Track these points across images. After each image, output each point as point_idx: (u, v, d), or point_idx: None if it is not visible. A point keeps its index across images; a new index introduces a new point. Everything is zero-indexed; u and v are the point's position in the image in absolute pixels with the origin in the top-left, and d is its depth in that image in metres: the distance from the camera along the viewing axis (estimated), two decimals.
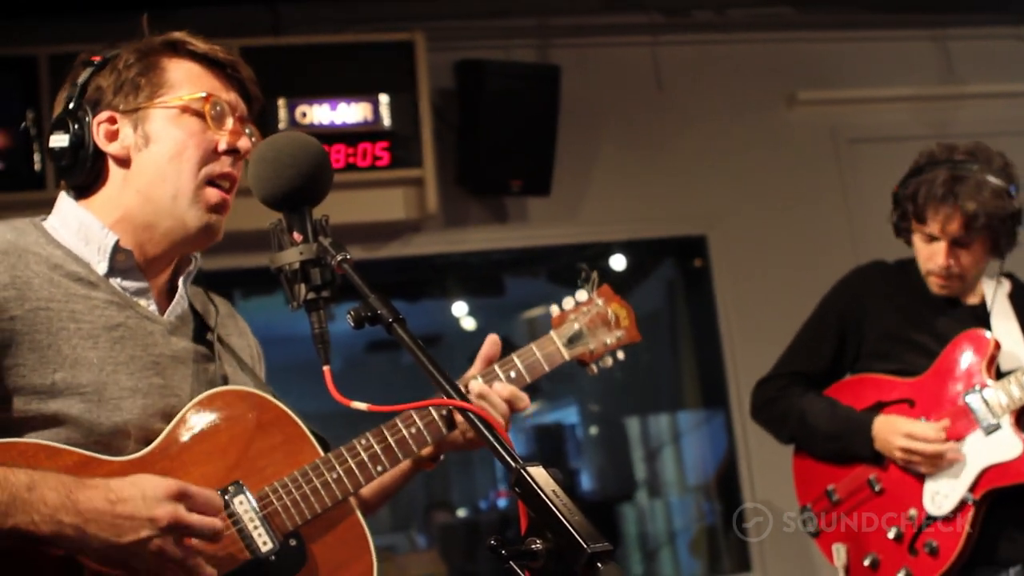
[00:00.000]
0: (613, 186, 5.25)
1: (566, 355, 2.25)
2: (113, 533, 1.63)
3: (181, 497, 1.69)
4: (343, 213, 3.58)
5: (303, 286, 1.63)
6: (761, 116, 5.42)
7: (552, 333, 2.26)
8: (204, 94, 1.90)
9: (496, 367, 2.16)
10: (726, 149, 5.35)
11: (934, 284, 3.17)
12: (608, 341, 2.30)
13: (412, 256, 5.17)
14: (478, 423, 1.43)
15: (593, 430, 8.09)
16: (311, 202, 1.67)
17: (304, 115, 4.60)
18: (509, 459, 1.37)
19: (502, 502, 7.92)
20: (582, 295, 2.32)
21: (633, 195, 5.28)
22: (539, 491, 1.32)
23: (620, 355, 2.33)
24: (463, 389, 2.06)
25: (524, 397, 2.13)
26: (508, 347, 7.09)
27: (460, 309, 6.70)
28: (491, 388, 2.11)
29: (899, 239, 3.27)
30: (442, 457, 2.19)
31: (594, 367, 2.30)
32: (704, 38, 5.42)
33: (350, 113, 4.66)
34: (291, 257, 1.63)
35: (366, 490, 2.10)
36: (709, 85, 5.39)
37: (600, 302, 2.32)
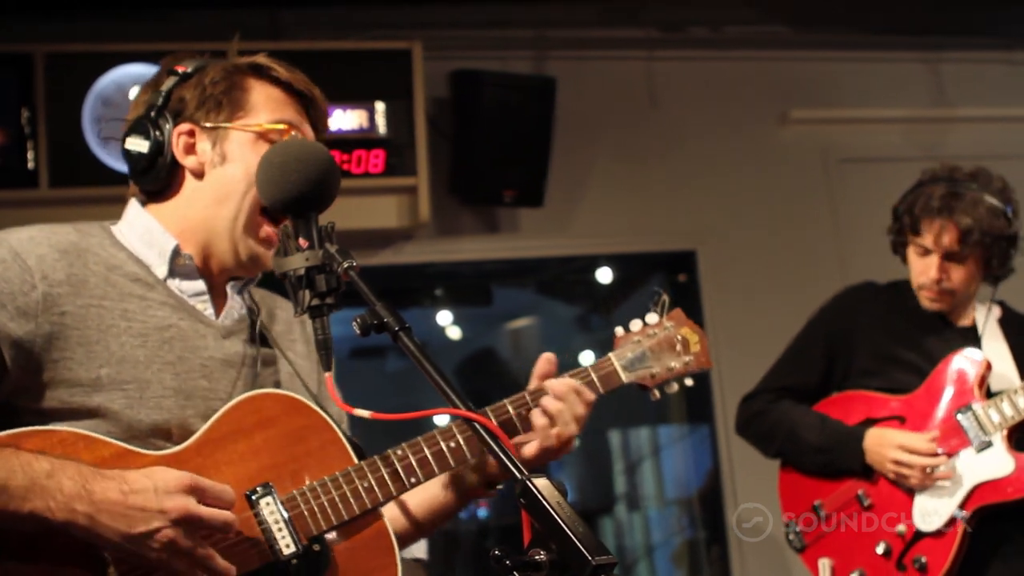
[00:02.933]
0: (605, 199, 5.27)
1: (624, 378, 2.15)
2: (124, 523, 1.65)
3: (193, 490, 1.70)
4: (336, 219, 3.58)
5: (307, 292, 1.63)
6: (753, 134, 5.44)
7: (611, 354, 2.16)
8: (283, 124, 1.96)
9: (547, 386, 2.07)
10: (718, 165, 5.37)
11: (925, 298, 3.20)
12: (673, 366, 2.19)
13: (403, 264, 5.17)
14: (483, 433, 1.43)
15: (574, 441, 8.09)
16: (317, 208, 1.68)
17: None
18: (515, 469, 1.38)
19: (482, 512, 7.91)
20: (652, 317, 2.22)
21: (624, 209, 5.29)
22: (544, 502, 1.33)
23: (688, 382, 2.22)
24: (524, 396, 2.04)
25: (587, 390, 2.07)
26: (494, 358, 7.03)
27: (446, 318, 6.69)
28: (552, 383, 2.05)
29: (895, 256, 3.30)
30: (500, 486, 2.09)
31: (656, 392, 2.19)
32: (699, 55, 5.44)
33: (346, 120, 4.66)
34: (296, 263, 1.63)
35: (419, 511, 2.09)
36: (702, 101, 5.41)
37: (669, 325, 2.22)
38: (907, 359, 3.20)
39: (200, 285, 1.95)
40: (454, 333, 7.00)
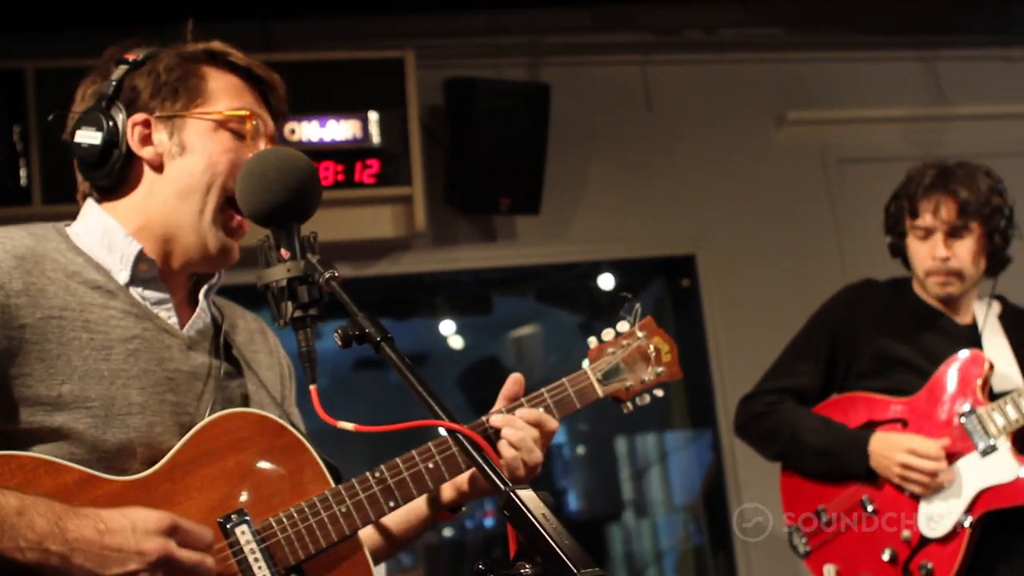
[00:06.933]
0: (602, 205, 5.25)
1: (600, 392, 2.10)
2: (99, 564, 1.57)
3: (172, 531, 1.62)
4: (331, 231, 3.54)
5: (290, 304, 1.60)
6: (750, 136, 5.43)
7: (586, 367, 2.11)
8: (246, 111, 1.88)
9: (523, 401, 2.02)
10: (715, 169, 5.35)
11: (934, 284, 3.16)
12: (646, 378, 2.15)
13: (400, 274, 5.15)
14: (467, 444, 1.41)
15: (580, 449, 8.07)
16: (299, 218, 1.65)
17: (293, 132, 4.59)
18: (499, 482, 1.35)
19: (488, 521, 7.89)
20: (623, 327, 2.16)
21: (622, 214, 5.28)
22: (529, 514, 1.30)
23: (659, 392, 2.18)
24: (485, 421, 1.96)
25: (551, 420, 2.00)
26: (497, 367, 7.00)
27: (448, 328, 6.68)
28: (514, 415, 1.98)
29: (895, 260, 3.27)
30: (464, 508, 2.04)
31: (629, 404, 2.15)
32: (694, 58, 5.43)
33: (339, 130, 4.65)
34: (278, 274, 1.61)
35: (396, 528, 2.03)
36: (699, 105, 5.39)
37: (641, 335, 2.16)
38: (908, 359, 3.16)
39: (163, 294, 1.85)
40: (456, 343, 6.97)
